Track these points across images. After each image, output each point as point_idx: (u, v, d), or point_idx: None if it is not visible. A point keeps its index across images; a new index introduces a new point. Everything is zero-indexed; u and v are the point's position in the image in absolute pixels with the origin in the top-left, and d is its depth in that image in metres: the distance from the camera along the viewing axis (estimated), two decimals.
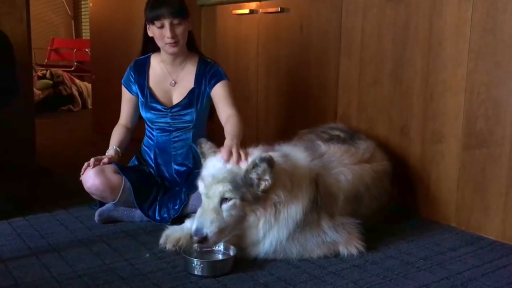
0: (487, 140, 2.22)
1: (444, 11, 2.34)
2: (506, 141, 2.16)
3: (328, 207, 2.01)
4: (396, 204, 2.50)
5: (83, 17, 8.35)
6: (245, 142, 2.23)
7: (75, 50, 7.35)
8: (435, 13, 2.38)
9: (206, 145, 2.05)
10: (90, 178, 2.28)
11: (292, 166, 1.98)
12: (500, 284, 1.80)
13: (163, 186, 2.48)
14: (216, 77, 2.42)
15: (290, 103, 3.19)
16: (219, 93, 2.40)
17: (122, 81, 2.53)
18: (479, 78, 2.23)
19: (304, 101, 3.08)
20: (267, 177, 1.86)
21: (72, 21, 8.55)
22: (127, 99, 2.53)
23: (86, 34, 8.03)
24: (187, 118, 2.45)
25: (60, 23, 8.48)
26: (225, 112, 2.31)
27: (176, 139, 2.47)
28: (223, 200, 1.86)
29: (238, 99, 2.61)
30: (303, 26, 3.03)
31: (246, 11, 3.36)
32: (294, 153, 2.08)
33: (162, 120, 2.46)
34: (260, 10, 3.29)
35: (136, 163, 2.57)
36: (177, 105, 2.45)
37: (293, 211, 1.92)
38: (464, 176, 2.33)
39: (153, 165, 2.51)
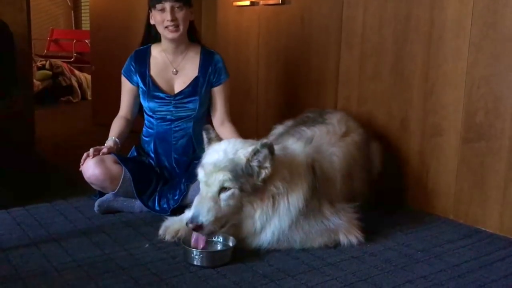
0: (486, 134, 2.23)
1: (445, 5, 2.33)
2: (506, 135, 2.16)
3: (327, 193, 2.04)
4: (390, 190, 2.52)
5: (82, 7, 8.32)
6: (245, 134, 2.24)
7: (74, 41, 7.32)
8: (436, 6, 2.37)
9: (213, 132, 2.07)
10: (90, 168, 2.28)
11: (289, 156, 2.00)
12: (498, 277, 1.81)
13: (163, 177, 2.48)
14: (223, 74, 2.51)
15: (290, 96, 3.19)
16: (221, 93, 2.51)
17: (122, 71, 2.52)
18: (479, 71, 2.23)
19: (304, 94, 3.08)
20: (267, 164, 1.87)
21: (72, 11, 8.52)
22: (127, 89, 2.52)
23: (85, 25, 7.99)
24: (190, 106, 2.45)
25: (59, 14, 8.45)
26: (222, 116, 2.52)
27: (177, 128, 2.48)
28: (222, 189, 1.86)
29: (238, 92, 2.63)
30: (304, 18, 3.03)
31: (247, 3, 3.35)
32: (290, 143, 2.10)
33: (165, 108, 2.46)
34: (261, 2, 3.28)
35: (135, 154, 2.57)
36: (180, 92, 2.45)
37: (295, 199, 1.93)
38: (463, 169, 2.33)
39: (153, 155, 2.51)
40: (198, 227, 1.82)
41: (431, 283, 1.75)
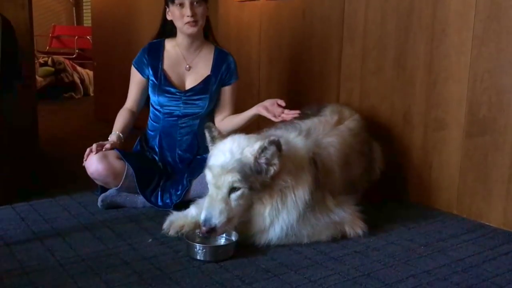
0: (490, 128, 2.22)
1: None
2: (509, 129, 2.15)
3: (328, 185, 2.05)
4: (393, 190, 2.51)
5: (84, 4, 8.33)
6: (247, 130, 2.24)
7: (76, 37, 7.33)
8: None
9: (215, 130, 2.05)
10: (93, 163, 2.29)
11: (292, 150, 2.00)
12: (501, 271, 1.81)
13: (166, 172, 2.48)
14: (234, 76, 2.52)
15: (292, 91, 3.19)
16: (229, 93, 2.52)
17: (133, 62, 2.51)
18: (482, 65, 2.22)
19: (306, 88, 3.07)
20: (275, 161, 1.86)
21: (74, 8, 8.52)
22: (136, 81, 2.52)
23: (87, 21, 8.00)
24: (200, 103, 2.46)
25: (61, 10, 8.46)
26: (225, 116, 2.53)
27: (183, 125, 2.48)
28: (232, 189, 1.85)
29: (240, 87, 2.63)
30: (305, 13, 3.02)
31: None
32: (291, 137, 2.10)
33: (174, 103, 2.46)
34: None
35: (139, 148, 2.57)
36: (191, 89, 2.46)
37: (301, 192, 1.94)
38: (466, 164, 2.33)
39: (157, 150, 2.51)
40: (212, 230, 1.82)
41: (434, 277, 1.75)
